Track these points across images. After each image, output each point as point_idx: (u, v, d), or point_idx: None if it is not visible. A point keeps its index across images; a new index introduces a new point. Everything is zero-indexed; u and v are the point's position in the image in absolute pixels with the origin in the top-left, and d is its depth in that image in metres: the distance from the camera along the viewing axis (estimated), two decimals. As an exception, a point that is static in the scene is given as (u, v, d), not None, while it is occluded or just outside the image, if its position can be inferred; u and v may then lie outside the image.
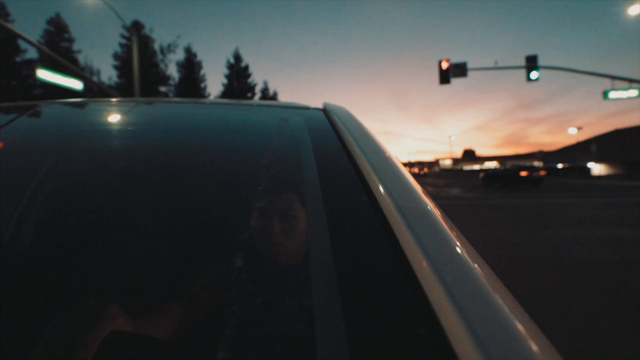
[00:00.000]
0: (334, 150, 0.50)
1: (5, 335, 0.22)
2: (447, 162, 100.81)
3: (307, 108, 0.76)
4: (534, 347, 0.21)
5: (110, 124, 0.63)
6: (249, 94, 23.88)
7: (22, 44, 16.92)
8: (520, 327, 0.22)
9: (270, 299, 0.24)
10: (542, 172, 17.57)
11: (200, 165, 0.46)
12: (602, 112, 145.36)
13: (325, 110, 0.72)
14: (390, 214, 0.33)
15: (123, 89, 18.86)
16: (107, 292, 0.25)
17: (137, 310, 0.23)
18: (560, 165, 38.11)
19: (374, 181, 0.39)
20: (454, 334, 0.21)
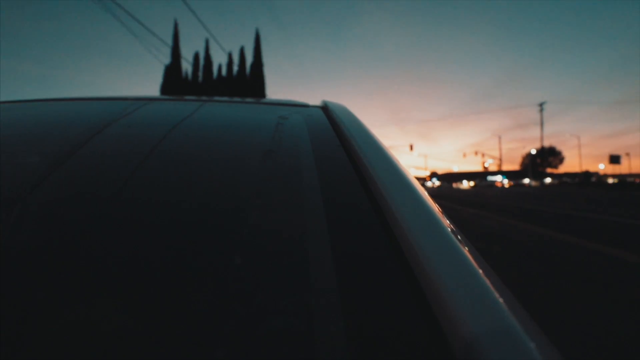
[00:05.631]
0: (333, 148, 0.50)
1: (5, 335, 0.21)
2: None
3: (306, 106, 0.76)
4: (534, 346, 0.21)
5: (106, 122, 0.61)
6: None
7: None
8: (519, 325, 0.22)
9: (268, 298, 0.24)
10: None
11: (195, 163, 0.46)
12: (596, 134, 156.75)
13: (325, 108, 0.71)
14: (390, 212, 0.33)
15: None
16: (103, 291, 0.24)
17: (134, 309, 0.23)
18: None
19: (374, 179, 0.39)
20: (452, 333, 0.21)
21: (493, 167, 77.75)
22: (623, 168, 74.55)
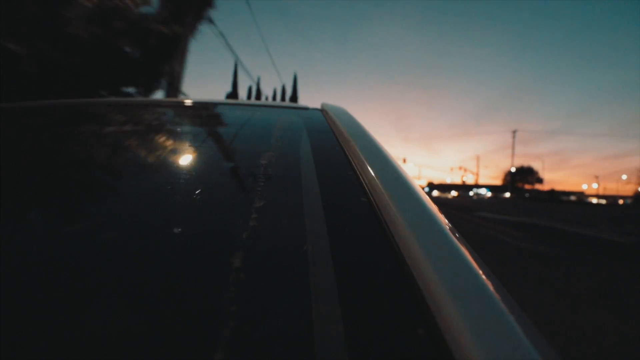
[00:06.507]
0: (332, 150, 0.50)
1: (4, 335, 0.21)
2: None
3: (305, 108, 0.77)
4: (532, 347, 0.21)
5: (111, 124, 0.63)
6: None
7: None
8: (518, 327, 0.22)
9: (268, 299, 0.24)
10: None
11: (196, 165, 0.46)
12: (599, 154, 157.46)
13: (324, 110, 0.72)
14: (389, 214, 0.33)
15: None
16: (103, 291, 0.25)
17: (134, 309, 0.24)
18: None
19: (373, 180, 0.39)
20: (451, 334, 0.21)
21: (471, 182, 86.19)
22: (604, 189, 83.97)
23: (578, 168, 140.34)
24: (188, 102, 0.83)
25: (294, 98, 32.98)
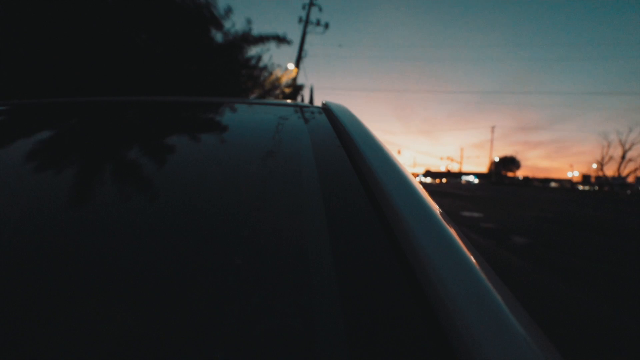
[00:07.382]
0: (333, 148, 0.50)
1: (4, 335, 0.22)
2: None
3: (307, 106, 0.77)
4: (534, 347, 0.21)
5: (111, 122, 0.64)
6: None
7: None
8: (520, 326, 0.22)
9: (269, 299, 0.24)
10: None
11: (195, 163, 0.46)
12: (598, 144, 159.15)
13: (325, 109, 0.72)
14: (390, 213, 0.33)
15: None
16: (103, 290, 0.25)
17: (134, 309, 0.24)
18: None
19: (374, 179, 0.39)
20: (453, 334, 0.21)
21: (456, 170, 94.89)
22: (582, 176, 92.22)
23: (577, 156, 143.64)
24: (189, 100, 0.83)
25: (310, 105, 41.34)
